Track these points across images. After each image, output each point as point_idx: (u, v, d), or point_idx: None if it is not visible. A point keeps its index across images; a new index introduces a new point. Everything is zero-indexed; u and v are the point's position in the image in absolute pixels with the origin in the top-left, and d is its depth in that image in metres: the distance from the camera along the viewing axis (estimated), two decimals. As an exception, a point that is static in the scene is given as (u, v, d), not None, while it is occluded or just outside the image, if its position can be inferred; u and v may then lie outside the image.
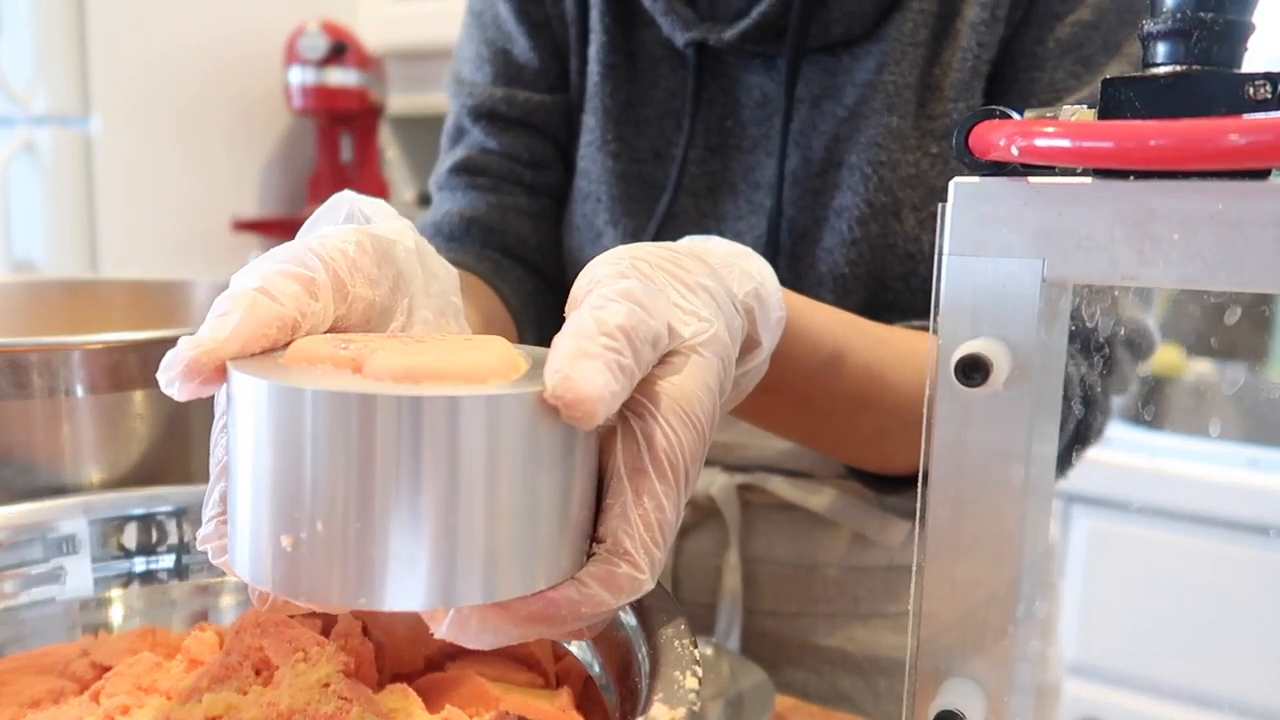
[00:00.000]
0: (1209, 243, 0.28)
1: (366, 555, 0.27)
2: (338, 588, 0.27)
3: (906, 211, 0.62)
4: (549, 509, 0.29)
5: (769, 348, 0.41)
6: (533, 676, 0.41)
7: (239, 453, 0.29)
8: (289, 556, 0.28)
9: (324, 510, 0.27)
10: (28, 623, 0.42)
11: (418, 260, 0.38)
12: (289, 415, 0.27)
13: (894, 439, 0.54)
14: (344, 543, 0.27)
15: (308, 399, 0.27)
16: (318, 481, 0.27)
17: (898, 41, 0.61)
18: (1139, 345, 0.61)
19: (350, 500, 0.27)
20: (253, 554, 0.29)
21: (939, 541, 0.33)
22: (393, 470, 0.27)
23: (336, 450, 0.27)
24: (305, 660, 0.38)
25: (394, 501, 0.27)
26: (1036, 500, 0.33)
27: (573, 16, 0.70)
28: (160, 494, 0.46)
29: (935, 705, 0.32)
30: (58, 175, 1.92)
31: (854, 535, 0.68)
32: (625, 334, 0.30)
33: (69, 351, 0.50)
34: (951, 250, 0.31)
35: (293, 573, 0.28)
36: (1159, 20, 0.29)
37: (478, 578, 0.28)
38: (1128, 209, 0.29)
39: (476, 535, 0.28)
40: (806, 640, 0.69)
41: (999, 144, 0.30)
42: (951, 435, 0.32)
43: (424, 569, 0.27)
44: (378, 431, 0.26)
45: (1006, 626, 0.32)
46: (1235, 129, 0.26)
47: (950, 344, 0.31)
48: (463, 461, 0.27)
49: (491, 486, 0.28)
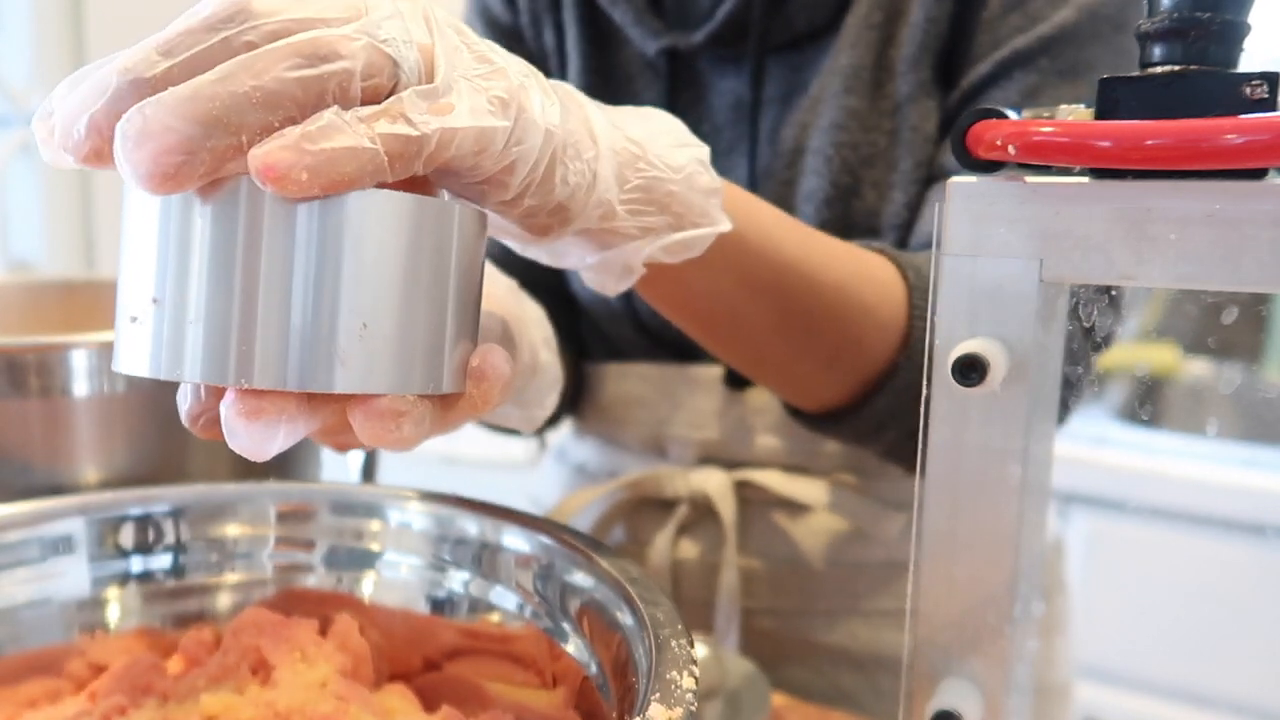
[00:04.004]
0: (1206, 242, 0.28)
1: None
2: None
3: (866, 188, 0.63)
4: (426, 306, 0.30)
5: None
6: (529, 676, 0.41)
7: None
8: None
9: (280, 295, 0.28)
10: (24, 622, 0.42)
11: None
12: None
13: (845, 361, 0.54)
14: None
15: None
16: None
17: (853, 26, 0.63)
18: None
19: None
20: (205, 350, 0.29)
21: (936, 541, 0.33)
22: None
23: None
24: (303, 660, 0.38)
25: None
26: (1033, 500, 0.33)
27: (552, 48, 0.73)
28: (157, 494, 0.46)
29: (932, 705, 0.32)
30: (55, 175, 1.91)
31: (851, 531, 0.68)
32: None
33: (66, 351, 0.50)
34: (948, 250, 0.31)
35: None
36: (1156, 20, 0.29)
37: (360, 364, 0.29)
38: (1125, 208, 0.29)
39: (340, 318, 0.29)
40: (806, 638, 0.69)
41: (996, 143, 0.30)
42: (948, 435, 0.32)
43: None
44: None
45: (1003, 626, 0.32)
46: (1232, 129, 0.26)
47: (947, 344, 0.31)
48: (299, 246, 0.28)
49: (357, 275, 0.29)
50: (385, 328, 0.29)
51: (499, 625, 0.43)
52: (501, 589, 0.43)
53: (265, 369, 0.28)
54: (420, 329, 0.30)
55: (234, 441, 0.29)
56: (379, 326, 0.29)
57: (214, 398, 0.33)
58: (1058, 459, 0.37)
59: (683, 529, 0.70)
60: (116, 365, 0.30)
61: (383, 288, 0.29)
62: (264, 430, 0.29)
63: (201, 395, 0.33)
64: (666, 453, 0.72)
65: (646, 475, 0.70)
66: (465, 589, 0.44)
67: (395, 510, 0.46)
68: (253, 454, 0.30)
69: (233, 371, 0.28)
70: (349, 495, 0.47)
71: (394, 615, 0.44)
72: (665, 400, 0.70)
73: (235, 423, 0.29)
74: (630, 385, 0.72)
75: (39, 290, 0.76)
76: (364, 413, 0.30)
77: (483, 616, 0.43)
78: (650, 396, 0.71)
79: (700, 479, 0.69)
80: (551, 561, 0.41)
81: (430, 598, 0.45)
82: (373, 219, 0.29)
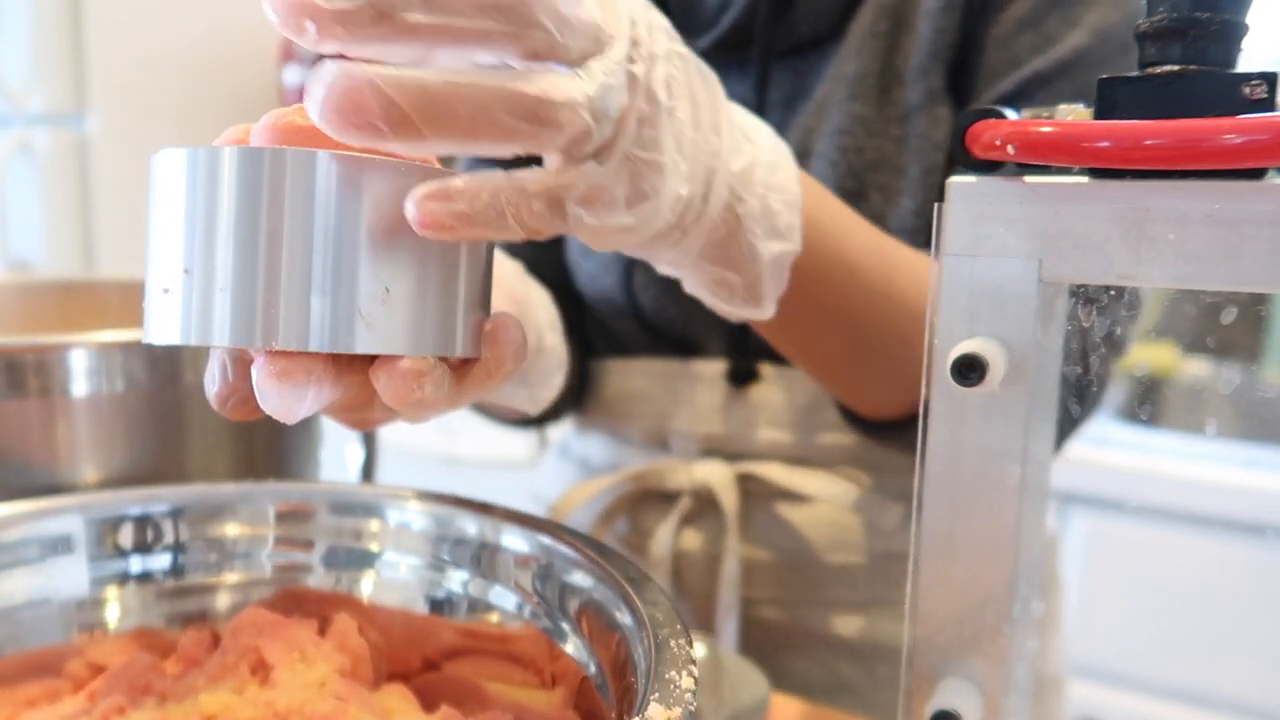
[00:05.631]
0: (1205, 242, 0.28)
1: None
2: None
3: (872, 192, 0.64)
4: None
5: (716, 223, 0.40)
6: (528, 676, 0.41)
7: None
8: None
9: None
10: (23, 622, 0.42)
11: None
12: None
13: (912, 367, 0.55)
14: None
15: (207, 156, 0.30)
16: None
17: (857, 35, 0.64)
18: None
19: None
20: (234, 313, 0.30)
21: (935, 541, 0.33)
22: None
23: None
24: (302, 660, 0.38)
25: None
26: (1033, 500, 0.33)
27: None
28: (156, 493, 0.46)
29: (931, 705, 0.32)
30: (54, 175, 1.91)
31: (852, 522, 0.69)
32: None
33: (65, 351, 0.50)
34: (948, 250, 0.31)
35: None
36: (1155, 20, 0.29)
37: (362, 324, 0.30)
38: (1124, 208, 0.29)
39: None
40: (807, 628, 0.70)
41: (995, 143, 0.30)
42: (948, 434, 0.32)
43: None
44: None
45: (1002, 626, 0.32)
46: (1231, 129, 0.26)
47: (946, 343, 0.31)
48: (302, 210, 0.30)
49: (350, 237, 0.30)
50: (405, 291, 0.31)
51: (498, 625, 0.43)
52: (500, 589, 0.43)
53: (290, 331, 0.30)
54: (437, 293, 0.32)
55: (265, 403, 0.31)
56: (399, 290, 0.31)
57: (241, 379, 0.34)
58: (1057, 459, 0.37)
59: (685, 520, 0.71)
60: (147, 337, 0.32)
61: (403, 252, 0.31)
62: (293, 391, 0.31)
63: (229, 376, 0.34)
64: (669, 446, 0.72)
65: (649, 468, 0.71)
66: (464, 589, 0.44)
67: (394, 510, 0.46)
68: (283, 415, 0.31)
69: (260, 334, 0.30)
70: (348, 495, 0.47)
71: (393, 615, 0.44)
72: (668, 395, 0.71)
73: (266, 384, 0.31)
74: (633, 380, 0.73)
75: (38, 290, 0.76)
76: (387, 374, 0.31)
77: (482, 616, 0.43)
78: (653, 391, 0.72)
79: (703, 471, 0.69)
80: (550, 561, 0.41)
81: (429, 598, 0.45)
82: (391, 188, 0.30)
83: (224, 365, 0.35)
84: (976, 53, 0.62)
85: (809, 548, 0.69)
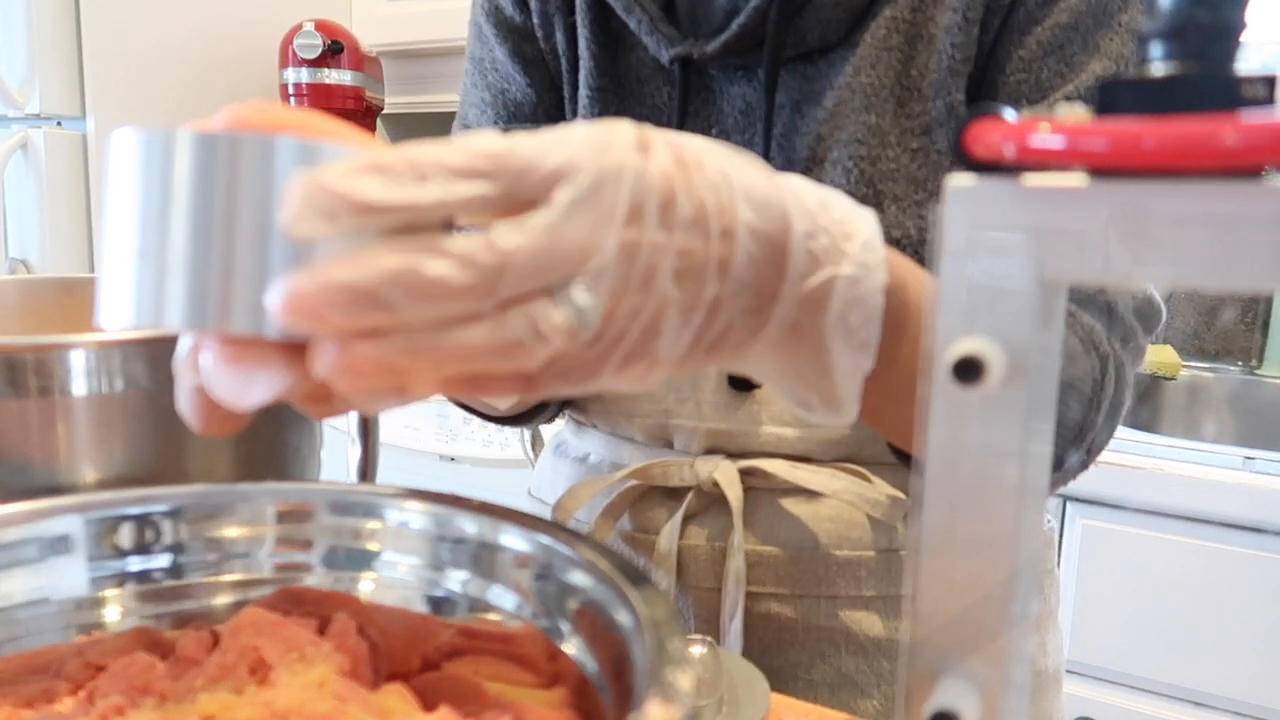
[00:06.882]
0: (1204, 243, 0.28)
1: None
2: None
3: (888, 202, 0.64)
4: None
5: (794, 304, 0.37)
6: (528, 676, 0.41)
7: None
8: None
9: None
10: (21, 622, 0.42)
11: None
12: None
13: None
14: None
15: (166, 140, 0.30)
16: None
17: (871, 46, 0.64)
18: (1148, 315, 0.64)
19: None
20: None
21: (934, 540, 0.33)
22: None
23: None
24: (301, 660, 0.38)
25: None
26: (1031, 499, 0.33)
27: (563, 49, 0.74)
28: (155, 494, 0.46)
29: (930, 705, 0.32)
30: (53, 174, 1.91)
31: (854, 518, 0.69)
32: None
33: (64, 351, 0.50)
34: (947, 250, 0.31)
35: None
36: (1154, 20, 0.29)
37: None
38: (1123, 209, 0.29)
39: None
40: (810, 623, 0.71)
41: (994, 144, 0.30)
42: (947, 434, 0.32)
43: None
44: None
45: (1001, 626, 0.32)
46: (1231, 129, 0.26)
47: (946, 343, 0.31)
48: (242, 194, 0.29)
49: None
50: None
51: (497, 625, 0.43)
52: (500, 589, 0.43)
53: (243, 315, 0.29)
54: None
55: (215, 387, 0.31)
56: None
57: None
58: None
59: (689, 516, 0.71)
60: (100, 320, 0.32)
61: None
62: (244, 376, 0.30)
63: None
64: (673, 444, 0.73)
65: (653, 464, 0.72)
66: (464, 589, 0.44)
67: (393, 510, 0.46)
68: (233, 401, 0.31)
69: (213, 317, 0.29)
70: (347, 495, 0.47)
71: (392, 615, 0.44)
72: (671, 393, 0.72)
73: (217, 369, 0.30)
74: None
75: (37, 290, 0.76)
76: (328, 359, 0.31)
77: (481, 616, 0.43)
78: (656, 390, 0.72)
79: (707, 467, 0.70)
80: (550, 561, 0.41)
81: (429, 597, 0.45)
82: None
83: (190, 391, 0.34)
84: (997, 70, 0.63)
85: (814, 543, 0.70)
